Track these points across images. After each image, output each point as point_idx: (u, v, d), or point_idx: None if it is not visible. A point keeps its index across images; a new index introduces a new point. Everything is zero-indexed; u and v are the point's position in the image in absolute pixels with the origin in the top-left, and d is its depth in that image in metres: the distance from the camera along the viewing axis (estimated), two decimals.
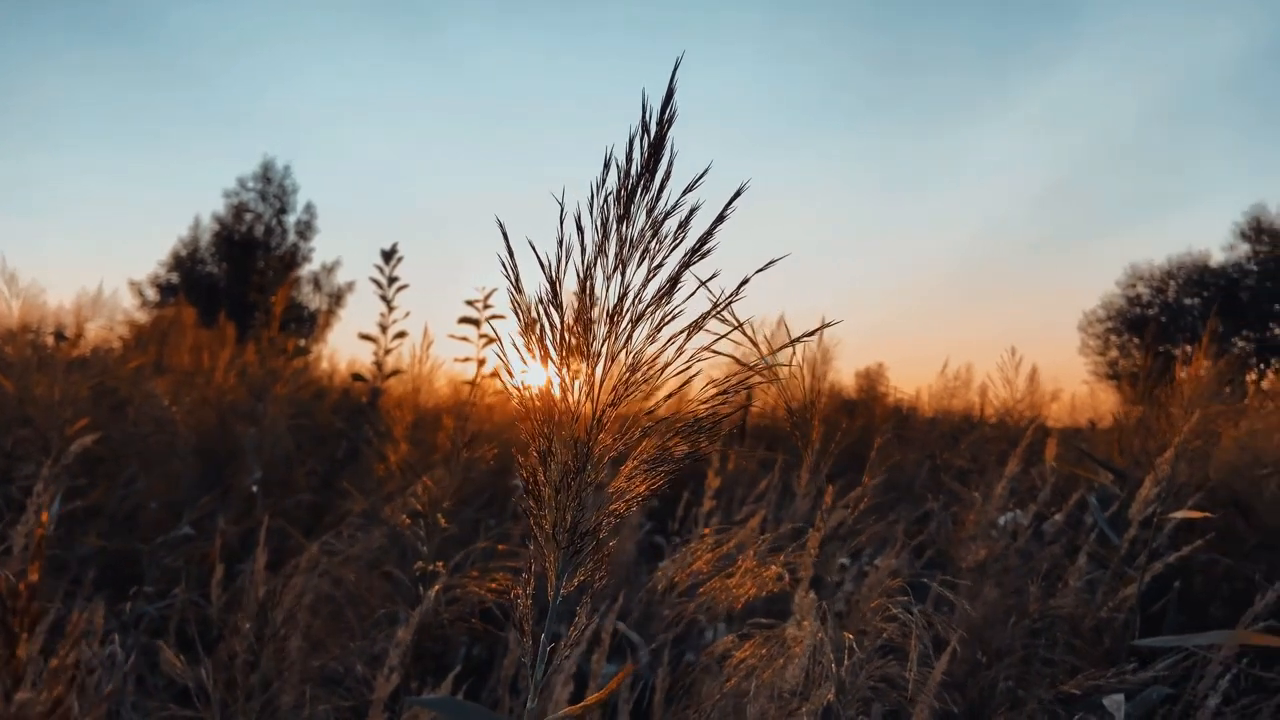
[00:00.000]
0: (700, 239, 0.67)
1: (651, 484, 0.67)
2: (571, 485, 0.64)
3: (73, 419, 2.90)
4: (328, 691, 1.77)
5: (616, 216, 0.66)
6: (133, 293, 22.46)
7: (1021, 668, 1.92)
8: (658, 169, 0.67)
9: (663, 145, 0.67)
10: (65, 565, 2.65)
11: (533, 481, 0.64)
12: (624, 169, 0.66)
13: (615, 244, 0.66)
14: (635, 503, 0.67)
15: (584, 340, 0.65)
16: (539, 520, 0.65)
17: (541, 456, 0.64)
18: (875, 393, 7.57)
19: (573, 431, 0.64)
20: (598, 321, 0.65)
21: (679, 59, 0.67)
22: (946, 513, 2.70)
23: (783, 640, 1.22)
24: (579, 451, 0.64)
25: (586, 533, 0.65)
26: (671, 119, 0.67)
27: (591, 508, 0.65)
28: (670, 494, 3.75)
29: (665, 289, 0.67)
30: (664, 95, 0.67)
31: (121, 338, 7.66)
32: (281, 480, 3.40)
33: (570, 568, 0.66)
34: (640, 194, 0.66)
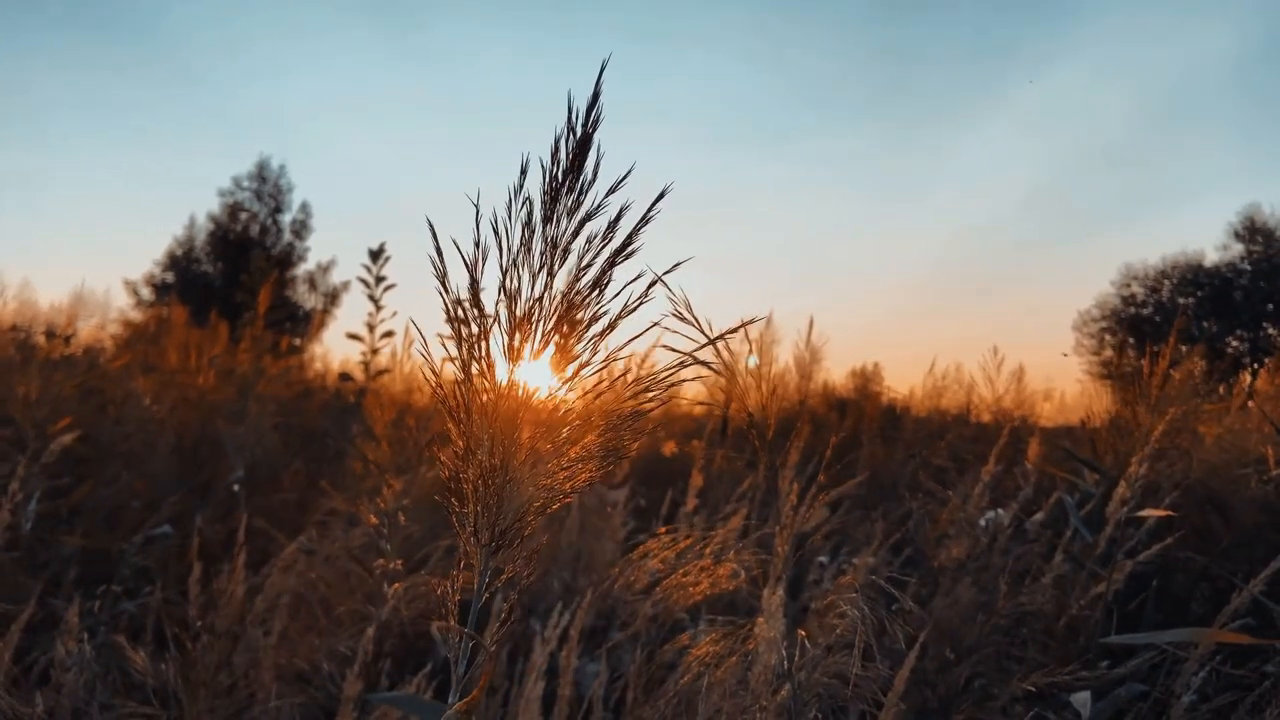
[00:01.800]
0: (625, 240, 0.68)
1: (575, 481, 0.67)
2: (491, 483, 0.65)
3: (54, 418, 2.90)
4: (298, 689, 1.77)
5: (542, 217, 0.67)
6: (128, 292, 22.44)
7: (991, 665, 1.93)
8: (583, 170, 0.68)
9: (588, 147, 0.68)
10: (46, 563, 2.65)
11: (454, 479, 0.65)
12: (549, 170, 0.67)
13: (540, 244, 0.67)
14: (558, 499, 0.67)
15: (509, 338, 0.66)
16: (461, 518, 0.66)
17: (463, 454, 0.65)
18: (868, 392, 7.58)
19: (492, 429, 0.65)
20: (520, 320, 0.66)
21: (605, 61, 0.68)
22: (924, 512, 2.71)
23: (741, 637, 1.23)
24: (499, 449, 0.65)
25: (507, 529, 0.66)
26: (598, 121, 0.68)
27: (512, 505, 0.66)
28: (656, 494, 3.76)
29: (588, 289, 0.67)
30: (590, 97, 0.68)
31: (113, 337, 7.66)
32: (266, 479, 3.40)
33: (493, 565, 0.67)
34: (565, 195, 0.67)
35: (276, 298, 19.51)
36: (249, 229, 23.45)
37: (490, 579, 0.67)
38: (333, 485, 2.92)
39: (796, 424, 4.51)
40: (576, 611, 1.72)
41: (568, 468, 0.68)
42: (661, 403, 0.69)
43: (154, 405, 3.19)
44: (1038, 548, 2.46)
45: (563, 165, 0.67)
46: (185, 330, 5.66)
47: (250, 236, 23.35)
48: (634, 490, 3.66)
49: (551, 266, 0.67)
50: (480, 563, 0.66)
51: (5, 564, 2.18)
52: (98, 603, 2.24)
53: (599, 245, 0.69)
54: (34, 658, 2.00)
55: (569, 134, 0.67)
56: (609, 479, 3.50)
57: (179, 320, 6.01)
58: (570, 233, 0.67)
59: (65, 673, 1.76)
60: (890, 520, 3.21)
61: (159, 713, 1.59)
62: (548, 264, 0.67)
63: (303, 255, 24.08)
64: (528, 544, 0.67)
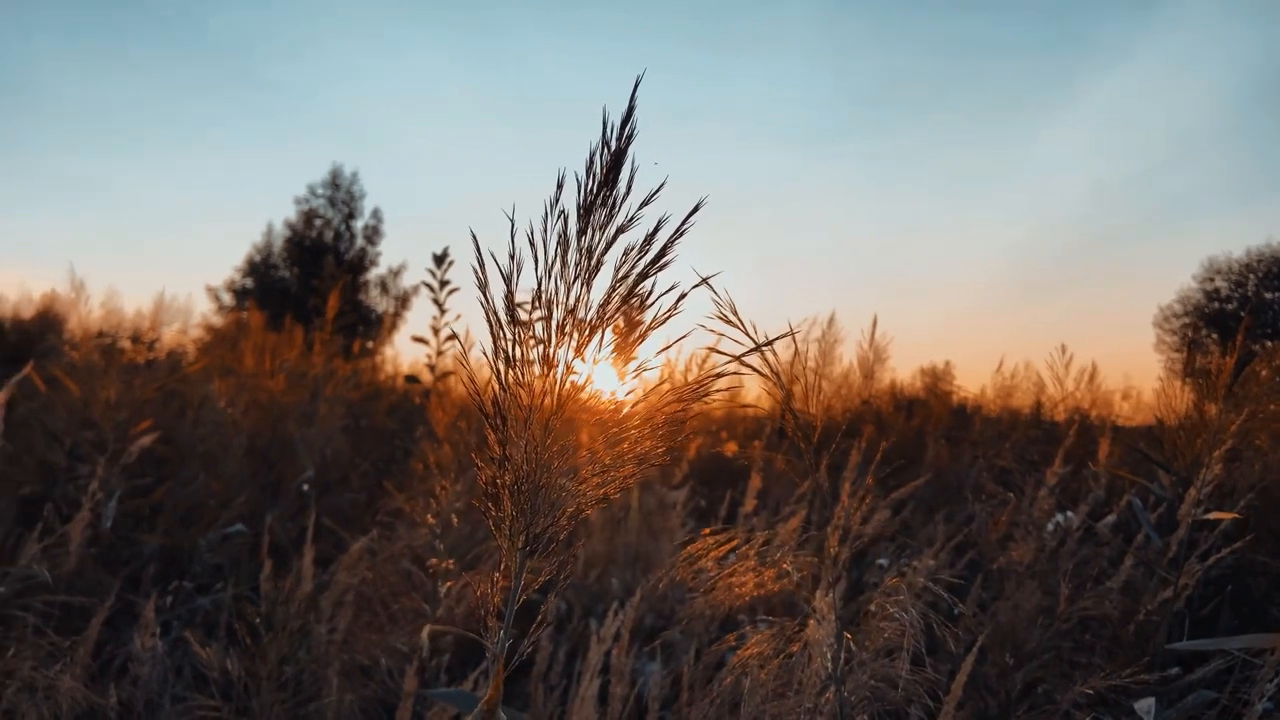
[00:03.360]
0: (660, 251, 0.70)
1: (608, 488, 0.69)
2: (525, 488, 0.67)
3: (135, 421, 3.02)
4: (359, 684, 1.82)
5: (577, 230, 0.69)
6: (210, 297, 23.19)
7: (1053, 671, 1.89)
8: (617, 183, 0.69)
9: (622, 160, 0.69)
10: (127, 560, 2.76)
11: (491, 484, 0.67)
12: (584, 184, 0.69)
13: (576, 255, 0.69)
14: (591, 505, 0.69)
15: (546, 347, 0.68)
16: (498, 522, 0.68)
17: (499, 460, 0.67)
18: (938, 391, 7.47)
19: (527, 435, 0.67)
20: (555, 329, 0.68)
21: (639, 78, 0.69)
22: (986, 514, 2.67)
23: (788, 638, 1.23)
24: (533, 455, 0.67)
25: (541, 534, 0.67)
26: (632, 135, 0.69)
27: (547, 510, 0.68)
28: (717, 495, 3.77)
29: (623, 299, 0.69)
30: (624, 112, 0.69)
31: (195, 341, 7.93)
32: (335, 479, 3.50)
33: (528, 568, 0.69)
34: (599, 208, 0.69)
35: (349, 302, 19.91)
36: (323, 235, 24.05)
37: (526, 581, 0.69)
38: (397, 486, 2.99)
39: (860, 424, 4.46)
40: (627, 612, 1.74)
41: (601, 473, 0.69)
42: (685, 407, 0.71)
43: (229, 408, 3.30)
44: (1107, 551, 2.40)
45: (597, 179, 0.69)
46: (261, 334, 5.84)
47: (324, 242, 23.94)
48: (694, 491, 3.67)
49: (587, 277, 0.69)
50: (516, 565, 0.68)
51: (86, 561, 2.28)
52: (169, 599, 2.33)
53: (635, 257, 0.70)
54: (112, 651, 2.09)
55: (603, 148, 0.69)
56: (668, 480, 3.51)
57: (256, 325, 6.20)
58: (604, 244, 0.69)
59: (141, 666, 1.84)
60: (954, 522, 3.17)
61: (223, 706, 1.65)
62: (583, 275, 0.69)
63: (374, 260, 24.61)
64: (563, 548, 0.69)
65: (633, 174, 0.70)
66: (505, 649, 0.68)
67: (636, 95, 0.69)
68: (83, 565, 2.25)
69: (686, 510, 3.21)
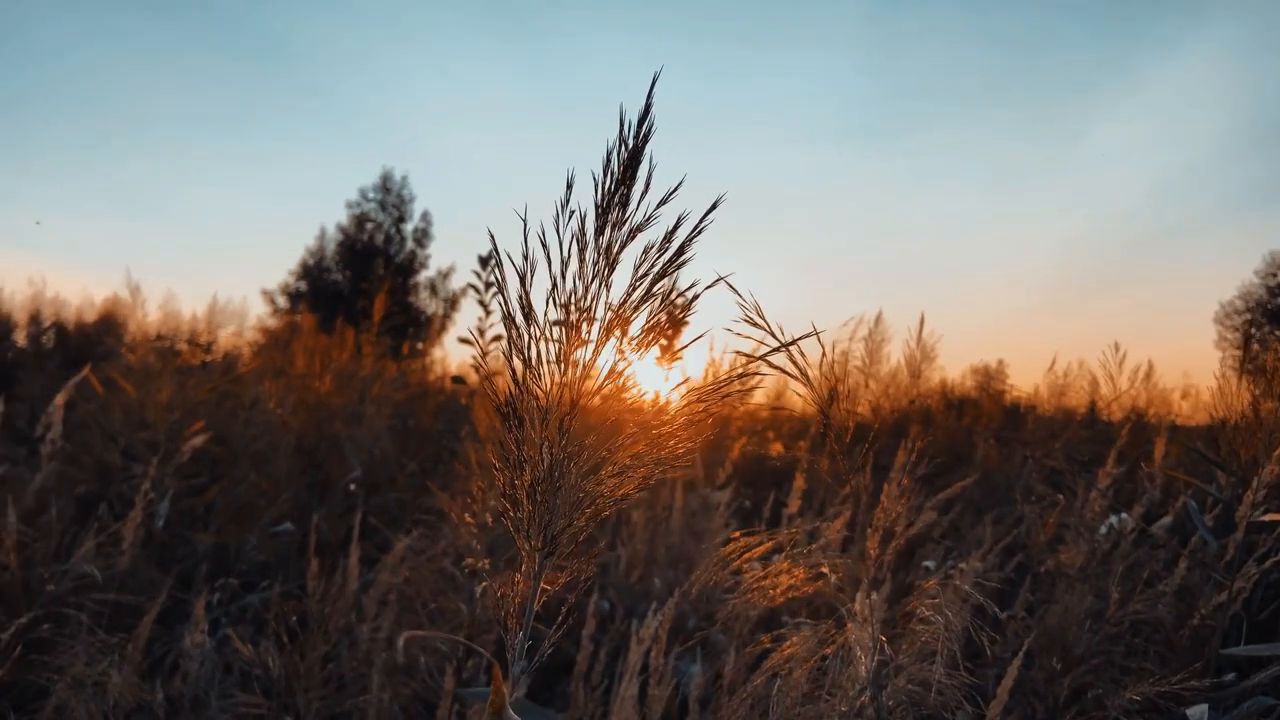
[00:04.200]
0: (678, 250, 0.69)
1: (625, 488, 0.69)
2: (542, 489, 0.67)
3: (187, 421, 3.09)
4: (399, 682, 1.84)
5: (595, 230, 0.68)
6: (265, 300, 23.67)
7: (1103, 676, 1.85)
8: (634, 182, 0.69)
9: (639, 159, 0.69)
10: (179, 558, 2.83)
11: (509, 485, 0.67)
12: (601, 183, 0.68)
13: (593, 254, 0.68)
14: (610, 506, 0.69)
15: (563, 346, 0.68)
16: (517, 522, 0.68)
17: (515, 460, 0.67)
18: (990, 390, 7.36)
19: (543, 435, 0.67)
20: (571, 329, 0.67)
21: (656, 74, 0.69)
22: (1035, 515, 2.61)
23: (823, 641, 1.22)
24: (550, 455, 0.67)
25: (559, 535, 0.67)
26: (649, 133, 0.69)
27: (564, 511, 0.68)
28: (762, 496, 3.74)
29: (641, 298, 0.69)
30: (641, 110, 0.69)
31: (250, 343, 8.10)
32: (382, 479, 3.55)
33: (547, 568, 0.69)
34: (615, 207, 0.68)
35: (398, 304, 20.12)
36: (374, 238, 24.41)
37: (545, 580, 0.69)
38: (442, 486, 3.02)
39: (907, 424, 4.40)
40: (664, 613, 1.74)
41: (620, 474, 0.69)
42: (705, 407, 0.70)
43: (278, 408, 3.36)
44: (1161, 554, 2.34)
45: (615, 177, 0.68)
46: (312, 336, 5.94)
47: (375, 245, 24.30)
48: (738, 492, 3.65)
49: (605, 276, 0.69)
50: (534, 566, 0.68)
51: (139, 559, 2.34)
52: (216, 595, 2.37)
53: (655, 255, 0.70)
54: (163, 648, 2.14)
55: (620, 146, 0.69)
56: (712, 481, 3.50)
57: (307, 327, 6.31)
58: (620, 244, 0.68)
59: (191, 663, 1.88)
60: (1003, 524, 3.11)
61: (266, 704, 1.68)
62: (601, 274, 0.69)
63: (424, 262, 24.93)
64: (583, 549, 0.69)
65: (650, 172, 0.69)
66: (524, 650, 0.68)
67: (653, 94, 0.69)
68: (135, 564, 2.31)
69: (730, 511, 3.19)
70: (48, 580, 2.01)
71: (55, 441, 2.86)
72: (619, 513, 3.17)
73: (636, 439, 0.69)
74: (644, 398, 0.69)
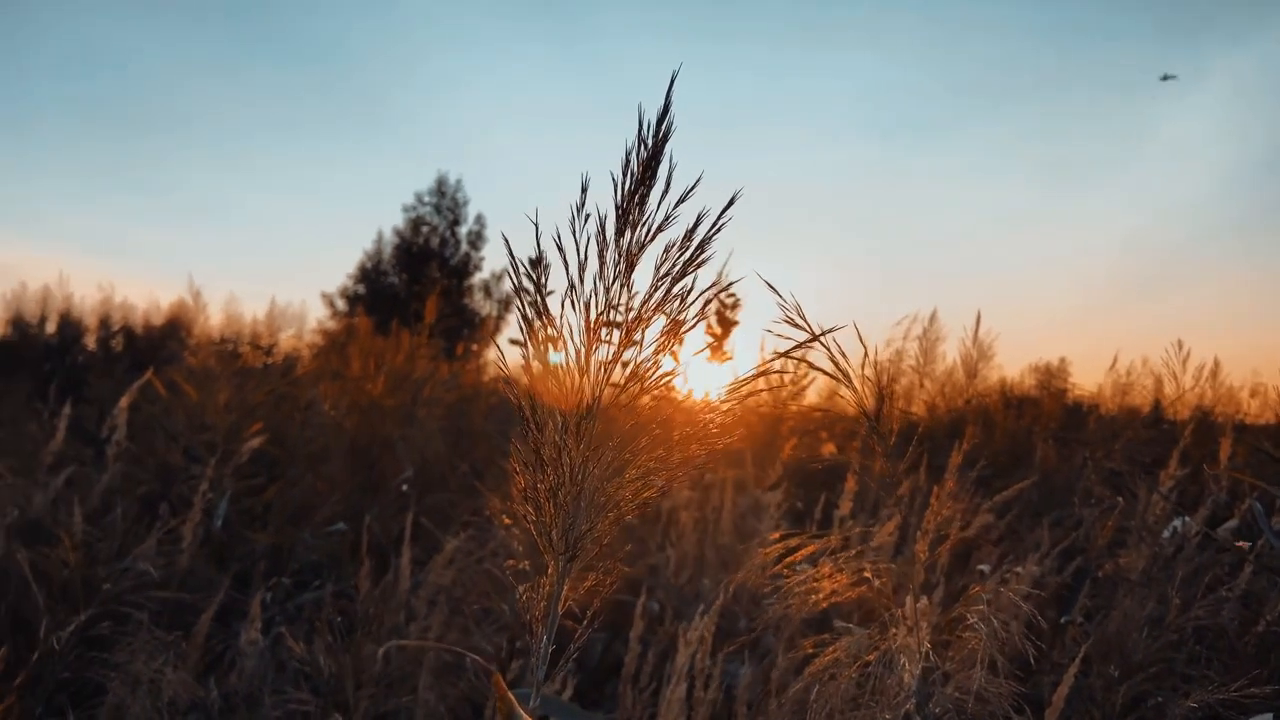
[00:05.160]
0: (697, 249, 0.68)
1: (649, 492, 0.68)
2: (563, 493, 0.66)
3: (246, 423, 3.16)
4: (447, 682, 1.86)
5: (615, 230, 0.68)
6: (325, 304, 24.11)
7: (1164, 684, 1.79)
8: (654, 182, 0.68)
9: (659, 159, 0.68)
10: (239, 558, 2.89)
11: (531, 488, 0.67)
12: (620, 183, 0.68)
13: (613, 255, 0.68)
14: (632, 510, 0.68)
15: (579, 349, 0.67)
16: (539, 526, 0.67)
17: (535, 464, 0.67)
18: (1051, 389, 7.20)
19: (563, 438, 0.66)
20: (591, 331, 0.67)
21: (675, 73, 0.68)
22: (1094, 518, 2.54)
23: (866, 647, 1.20)
24: (571, 458, 0.66)
25: (580, 538, 0.67)
26: (669, 133, 0.68)
27: (586, 514, 0.67)
28: (814, 497, 3.70)
29: (661, 298, 0.68)
30: (660, 109, 0.68)
31: (309, 346, 8.27)
32: (434, 480, 3.58)
33: (570, 572, 0.68)
34: (634, 207, 0.68)
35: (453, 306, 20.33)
36: (429, 241, 24.73)
37: (568, 585, 0.68)
38: (492, 487, 3.04)
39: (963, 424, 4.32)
40: (710, 616, 1.73)
41: (642, 477, 0.68)
42: (730, 408, 0.69)
43: (332, 410, 3.41)
44: (1225, 558, 2.26)
45: (634, 177, 0.68)
46: (368, 339, 6.03)
47: (430, 248, 24.62)
48: (790, 493, 3.61)
49: (625, 277, 0.68)
50: (557, 570, 0.68)
51: (198, 558, 2.39)
52: (270, 594, 2.42)
53: (676, 254, 0.69)
54: (220, 646, 2.18)
55: (639, 146, 0.68)
56: (762, 482, 3.47)
57: (364, 329, 6.41)
58: (639, 243, 0.68)
59: (247, 661, 1.92)
60: (1062, 527, 3.04)
61: (314, 701, 1.70)
62: (621, 275, 0.68)
63: (478, 264, 25.18)
64: (606, 553, 0.68)
65: (671, 171, 0.68)
66: (547, 653, 0.67)
67: (672, 92, 0.68)
68: (194, 562, 2.36)
69: (781, 512, 3.16)
70: (106, 579, 2.07)
71: (120, 443, 2.95)
72: (668, 513, 3.16)
73: (659, 441, 0.68)
74: (669, 398, 0.68)
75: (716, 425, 0.69)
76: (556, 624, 0.68)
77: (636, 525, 3.15)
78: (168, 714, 1.59)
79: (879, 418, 1.17)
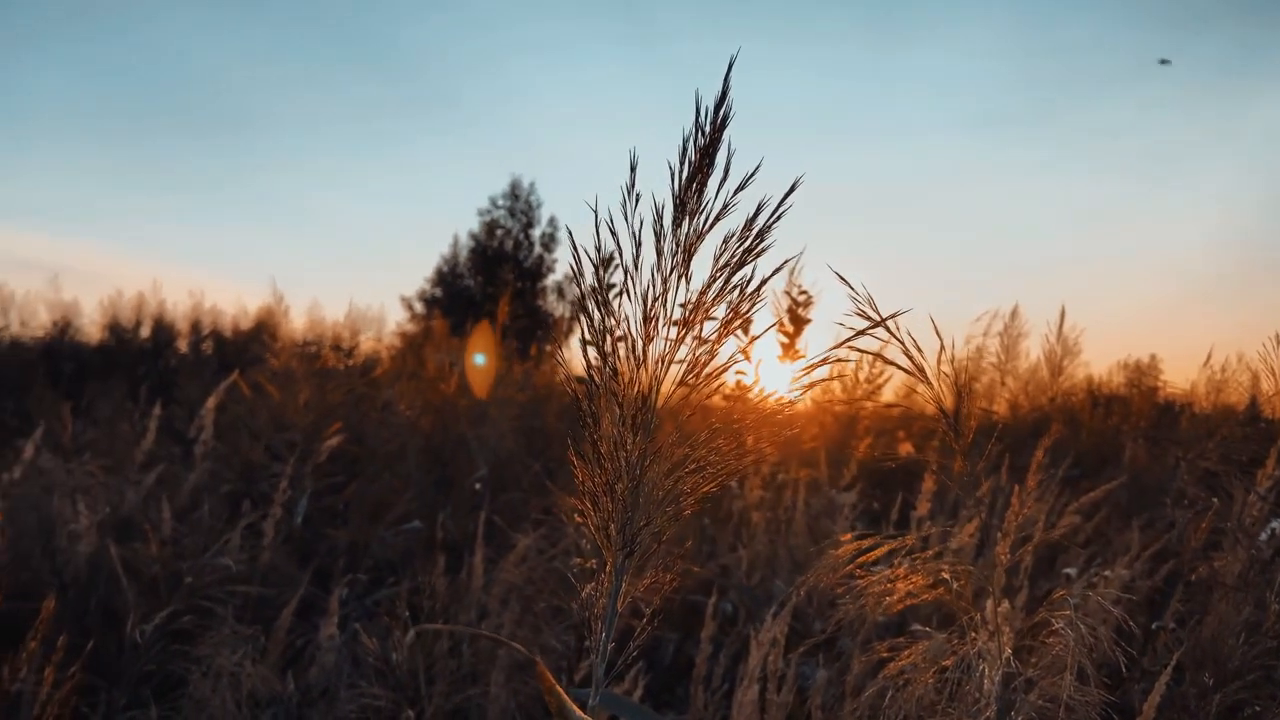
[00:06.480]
0: (756, 236, 0.66)
1: (706, 486, 0.66)
2: (621, 488, 0.65)
3: (325, 423, 3.23)
4: (519, 680, 1.86)
5: (672, 220, 0.66)
6: (403, 307, 24.61)
7: (1258, 691, 1.70)
8: (712, 170, 0.66)
9: (717, 145, 0.66)
10: (320, 554, 2.95)
11: (589, 483, 0.66)
12: (677, 172, 0.66)
13: (670, 245, 0.66)
14: (691, 505, 0.66)
15: (637, 341, 0.66)
16: (597, 522, 0.66)
17: (593, 457, 0.65)
18: (1141, 387, 6.94)
19: (620, 432, 0.65)
20: (649, 322, 0.65)
21: (733, 58, 0.66)
22: (1187, 520, 2.43)
23: (944, 651, 1.16)
24: (627, 450, 0.65)
25: (637, 534, 0.65)
26: (726, 119, 0.66)
27: (644, 509, 0.65)
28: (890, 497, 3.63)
29: (720, 288, 0.66)
30: (718, 96, 0.66)
31: (388, 348, 8.44)
32: (507, 478, 3.62)
33: (627, 569, 0.67)
34: (691, 196, 0.66)
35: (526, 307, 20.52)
36: (503, 244, 25.05)
37: (627, 582, 0.67)
38: (563, 486, 3.05)
39: (1047, 423, 4.19)
40: (781, 617, 1.70)
41: (701, 470, 0.66)
42: (791, 402, 0.67)
43: (407, 410, 3.47)
44: None
45: (691, 165, 0.66)
46: (444, 340, 6.12)
47: (504, 251, 24.93)
48: (865, 493, 3.54)
49: (683, 267, 0.66)
50: (614, 566, 0.66)
51: (279, 554, 2.45)
52: (347, 590, 2.46)
53: (735, 245, 0.67)
54: (301, 640, 2.23)
55: (696, 132, 0.66)
56: (836, 481, 3.41)
57: (440, 332, 6.51)
58: (697, 232, 0.66)
59: (325, 655, 1.95)
60: (1153, 529, 2.92)
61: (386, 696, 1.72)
62: (678, 265, 0.66)
63: (551, 266, 25.39)
64: (665, 548, 0.67)
65: (729, 159, 0.66)
66: (606, 651, 0.66)
67: (730, 78, 0.66)
68: (275, 558, 2.42)
69: (856, 513, 3.10)
70: (190, 573, 2.13)
71: (207, 442, 3.04)
72: (740, 514, 3.13)
73: (718, 433, 0.66)
74: (727, 391, 0.66)
75: (783, 417, 0.67)
76: (616, 621, 0.67)
77: (708, 525, 3.13)
78: (247, 708, 1.63)
79: (957, 415, 1.13)
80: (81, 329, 8.00)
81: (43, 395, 4.15)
